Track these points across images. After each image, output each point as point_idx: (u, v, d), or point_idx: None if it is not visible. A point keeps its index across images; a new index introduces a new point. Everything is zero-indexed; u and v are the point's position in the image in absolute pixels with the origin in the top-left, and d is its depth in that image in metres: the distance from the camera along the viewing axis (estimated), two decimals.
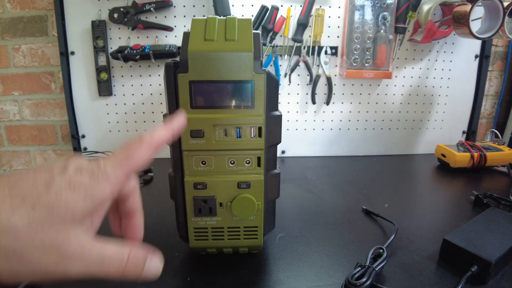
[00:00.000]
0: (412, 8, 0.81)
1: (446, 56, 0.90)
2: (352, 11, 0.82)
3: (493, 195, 0.59)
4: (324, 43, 0.85)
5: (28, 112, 0.93)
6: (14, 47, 0.88)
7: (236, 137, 0.37)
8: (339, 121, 0.92)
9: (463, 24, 0.69)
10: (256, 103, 0.36)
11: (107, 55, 0.83)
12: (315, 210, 0.58)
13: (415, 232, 0.50)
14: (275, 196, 0.43)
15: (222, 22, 0.37)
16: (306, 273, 0.41)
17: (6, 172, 1.00)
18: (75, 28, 0.82)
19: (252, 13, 0.82)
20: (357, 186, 0.70)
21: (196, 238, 0.40)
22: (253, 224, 0.40)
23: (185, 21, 0.83)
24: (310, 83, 0.87)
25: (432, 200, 0.64)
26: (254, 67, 0.35)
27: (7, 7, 0.85)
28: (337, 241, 0.48)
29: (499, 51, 0.97)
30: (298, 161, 0.88)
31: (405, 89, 0.91)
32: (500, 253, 0.38)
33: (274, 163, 0.41)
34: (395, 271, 0.40)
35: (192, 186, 0.38)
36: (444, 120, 0.95)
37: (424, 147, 0.96)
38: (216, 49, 0.35)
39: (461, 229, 0.44)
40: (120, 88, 0.86)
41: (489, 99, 1.01)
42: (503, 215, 0.48)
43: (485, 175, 0.76)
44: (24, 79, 0.90)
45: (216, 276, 0.39)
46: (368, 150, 0.94)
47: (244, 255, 0.44)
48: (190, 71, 0.35)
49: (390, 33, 0.83)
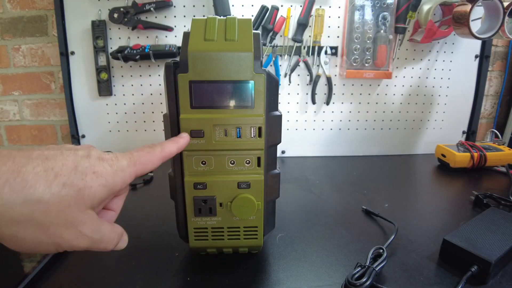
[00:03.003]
0: (412, 8, 0.81)
1: (446, 56, 0.90)
2: (352, 11, 0.82)
3: (493, 195, 0.59)
4: (324, 43, 0.85)
5: (28, 112, 0.93)
6: (14, 47, 0.88)
7: (236, 137, 0.37)
8: (339, 121, 0.92)
9: (463, 24, 0.69)
10: (256, 103, 0.36)
11: (107, 55, 0.83)
12: (315, 210, 0.58)
13: (415, 232, 0.50)
14: (275, 196, 0.43)
15: (222, 22, 0.37)
16: (306, 273, 0.41)
17: None
18: (75, 28, 0.82)
19: (252, 13, 0.82)
20: (357, 186, 0.70)
21: (196, 238, 0.40)
22: (253, 224, 0.40)
23: (185, 21, 0.83)
24: (310, 83, 0.87)
25: (432, 200, 0.64)
26: (254, 67, 0.35)
27: (7, 7, 0.85)
28: (337, 241, 0.48)
29: (499, 51, 0.97)
30: (298, 161, 0.88)
31: (405, 89, 0.91)
32: (500, 253, 0.38)
33: (274, 163, 0.41)
34: (395, 271, 0.40)
35: (192, 186, 0.38)
36: (444, 120, 0.95)
37: (424, 147, 0.96)
38: (216, 49, 0.35)
39: (461, 229, 0.44)
40: (120, 88, 0.86)
41: (489, 99, 1.01)
42: (503, 215, 0.48)
43: (485, 175, 0.76)
44: (24, 79, 0.90)
45: (216, 276, 0.39)
46: (368, 150, 0.94)
47: (244, 255, 0.44)
48: (190, 71, 0.35)
49: (390, 33, 0.83)
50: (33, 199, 0.19)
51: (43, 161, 0.20)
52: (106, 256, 0.43)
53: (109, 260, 0.42)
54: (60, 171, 0.20)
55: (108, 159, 0.23)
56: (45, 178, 0.19)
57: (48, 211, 0.19)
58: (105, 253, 0.24)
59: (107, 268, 0.41)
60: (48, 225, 0.19)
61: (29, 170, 0.19)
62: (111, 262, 0.42)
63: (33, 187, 0.19)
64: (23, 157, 0.19)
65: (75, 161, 0.21)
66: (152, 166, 0.26)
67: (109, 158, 0.23)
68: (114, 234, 0.24)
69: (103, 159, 0.22)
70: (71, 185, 0.20)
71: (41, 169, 0.19)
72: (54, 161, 0.20)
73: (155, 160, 0.27)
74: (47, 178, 0.19)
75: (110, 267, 0.41)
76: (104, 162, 0.22)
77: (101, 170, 0.22)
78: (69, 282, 0.39)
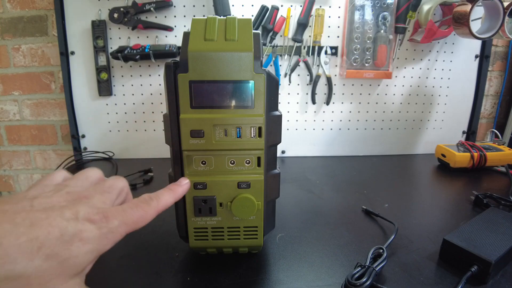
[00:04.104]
0: (412, 8, 0.81)
1: (446, 56, 0.90)
2: (352, 11, 0.82)
3: (493, 195, 0.59)
4: (324, 43, 0.85)
5: (28, 112, 0.93)
6: (14, 47, 0.88)
7: (236, 137, 0.37)
8: (339, 121, 0.92)
9: (463, 24, 0.69)
10: (256, 103, 0.36)
11: (107, 55, 0.83)
12: (315, 210, 0.58)
13: (415, 232, 0.50)
14: (275, 196, 0.42)
15: (222, 22, 0.37)
16: (306, 273, 0.41)
17: (6, 173, 1.00)
18: (75, 28, 0.82)
19: (252, 13, 0.82)
20: (357, 186, 0.70)
21: (196, 238, 0.40)
22: (253, 224, 0.40)
23: (185, 21, 0.83)
24: (310, 83, 0.87)
25: (432, 200, 0.64)
26: (254, 67, 0.35)
27: (7, 7, 0.85)
28: (337, 241, 0.48)
29: (499, 51, 0.97)
30: (298, 161, 0.88)
31: (405, 89, 0.91)
32: (500, 253, 0.38)
33: (274, 163, 0.41)
34: (395, 271, 0.40)
35: (192, 186, 0.38)
36: (444, 120, 0.95)
37: (424, 147, 0.96)
38: (216, 49, 0.35)
39: (461, 229, 0.44)
40: (120, 88, 0.86)
41: (489, 99, 1.01)
42: (503, 215, 0.48)
43: (485, 175, 0.76)
44: (24, 79, 0.90)
45: (216, 276, 0.39)
46: (368, 150, 0.94)
47: (244, 255, 0.44)
48: (190, 71, 0.35)
49: (390, 33, 0.83)
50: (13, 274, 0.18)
51: (27, 229, 0.19)
52: (107, 256, 0.43)
53: (109, 260, 0.42)
54: (45, 241, 0.19)
55: (98, 221, 0.21)
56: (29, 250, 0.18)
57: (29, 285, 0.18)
58: (105, 253, 0.23)
59: (107, 268, 0.41)
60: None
61: (11, 243, 0.18)
62: (111, 262, 0.42)
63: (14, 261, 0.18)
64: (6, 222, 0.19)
65: (61, 227, 0.20)
66: (145, 223, 0.25)
67: (98, 220, 0.21)
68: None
69: (91, 220, 0.21)
70: (55, 256, 0.19)
71: (25, 239, 0.18)
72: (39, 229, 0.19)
73: (149, 217, 0.25)
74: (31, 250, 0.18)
75: (110, 267, 0.41)
76: (92, 224, 0.21)
77: (88, 236, 0.21)
78: None
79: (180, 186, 0.32)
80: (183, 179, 0.34)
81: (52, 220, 0.20)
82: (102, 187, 0.25)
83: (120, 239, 0.23)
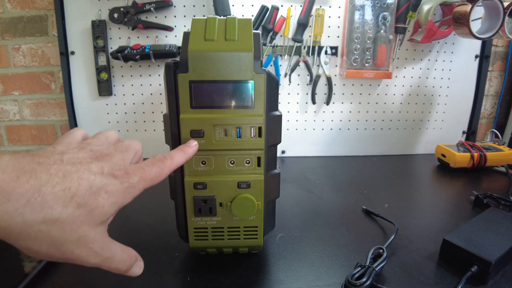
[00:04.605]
0: (412, 8, 0.81)
1: (446, 56, 0.90)
2: (352, 11, 0.82)
3: (493, 195, 0.59)
4: (324, 43, 0.85)
5: (28, 112, 0.93)
6: (14, 47, 0.88)
7: (236, 137, 0.37)
8: (339, 121, 0.92)
9: (463, 24, 0.69)
10: (256, 103, 0.36)
11: (107, 55, 0.83)
12: (315, 210, 0.58)
13: (415, 232, 0.50)
14: (275, 196, 0.42)
15: (222, 22, 0.37)
16: (306, 273, 0.41)
17: None
18: (75, 28, 0.82)
19: (252, 13, 0.82)
20: (357, 186, 0.70)
21: (196, 238, 0.40)
22: (253, 224, 0.40)
23: (185, 21, 0.82)
24: (310, 83, 0.87)
25: (432, 200, 0.64)
26: (254, 67, 0.35)
27: (7, 7, 0.85)
28: (337, 241, 0.48)
29: (499, 51, 0.97)
30: (298, 161, 0.88)
31: (405, 89, 0.91)
32: (500, 253, 0.38)
33: (274, 163, 0.41)
34: (395, 271, 0.40)
35: (192, 186, 0.38)
36: (444, 120, 0.95)
37: (424, 147, 0.96)
38: (216, 49, 0.35)
39: (461, 229, 0.44)
40: (120, 88, 0.86)
41: (489, 99, 1.01)
42: (503, 215, 0.48)
43: (485, 175, 0.76)
44: (24, 79, 0.90)
45: (216, 276, 0.39)
46: (368, 150, 0.94)
47: (244, 255, 0.44)
48: (190, 71, 0.35)
49: (390, 33, 0.83)
50: (51, 219, 0.20)
51: (61, 180, 0.21)
52: None
53: None
54: (76, 192, 0.21)
55: (120, 176, 0.24)
56: (63, 199, 0.20)
57: (63, 229, 0.21)
58: None
59: None
60: (62, 242, 0.21)
61: (48, 191, 0.20)
62: None
63: (52, 207, 0.20)
64: (43, 172, 0.20)
65: (90, 180, 0.22)
66: (161, 179, 0.27)
67: (120, 175, 0.24)
68: (126, 255, 0.25)
69: (115, 176, 0.23)
70: (84, 205, 0.21)
71: (59, 189, 0.20)
72: (70, 180, 0.21)
73: (165, 174, 0.28)
74: (65, 198, 0.21)
75: None
76: (116, 179, 0.23)
77: (113, 189, 0.23)
78: (69, 282, 0.39)
79: (190, 147, 0.34)
80: (192, 141, 0.35)
81: (81, 173, 0.22)
82: (121, 147, 0.27)
83: (139, 194, 0.25)
